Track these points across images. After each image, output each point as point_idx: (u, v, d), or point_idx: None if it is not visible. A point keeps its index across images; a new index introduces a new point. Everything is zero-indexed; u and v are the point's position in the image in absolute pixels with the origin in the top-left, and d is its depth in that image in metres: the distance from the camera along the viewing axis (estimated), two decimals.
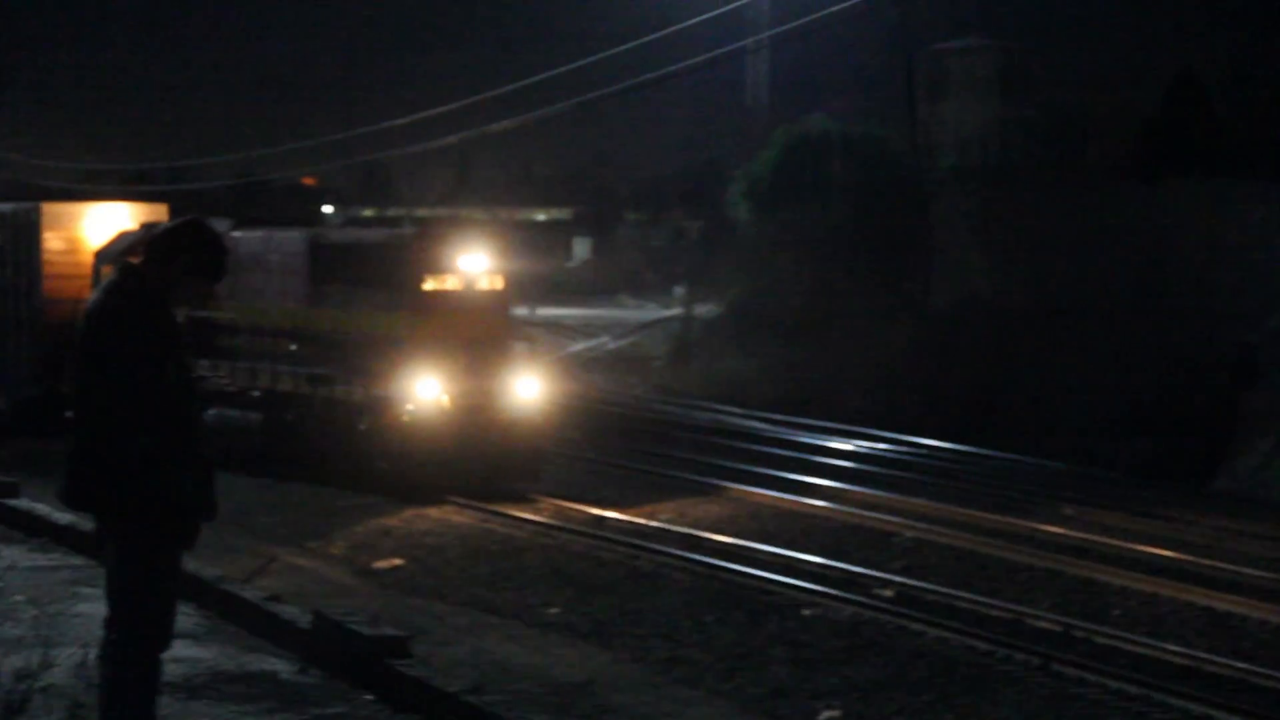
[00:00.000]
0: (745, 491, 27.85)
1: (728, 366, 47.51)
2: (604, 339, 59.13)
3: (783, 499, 27.14)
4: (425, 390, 25.93)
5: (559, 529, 24.20)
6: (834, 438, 36.05)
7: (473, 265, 26.69)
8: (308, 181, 64.67)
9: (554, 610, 19.75)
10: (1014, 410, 38.33)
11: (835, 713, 15.92)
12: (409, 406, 25.93)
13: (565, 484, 27.75)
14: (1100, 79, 48.19)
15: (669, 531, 24.25)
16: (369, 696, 11.94)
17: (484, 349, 26.44)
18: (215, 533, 21.30)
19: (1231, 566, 22.50)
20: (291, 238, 28.85)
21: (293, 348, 28.04)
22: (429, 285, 26.53)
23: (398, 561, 22.19)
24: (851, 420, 38.45)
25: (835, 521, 25.49)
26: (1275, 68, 41.44)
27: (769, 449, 33.78)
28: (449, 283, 26.60)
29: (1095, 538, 24.45)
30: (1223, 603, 20.32)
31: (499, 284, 27.00)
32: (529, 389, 26.61)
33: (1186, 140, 41.39)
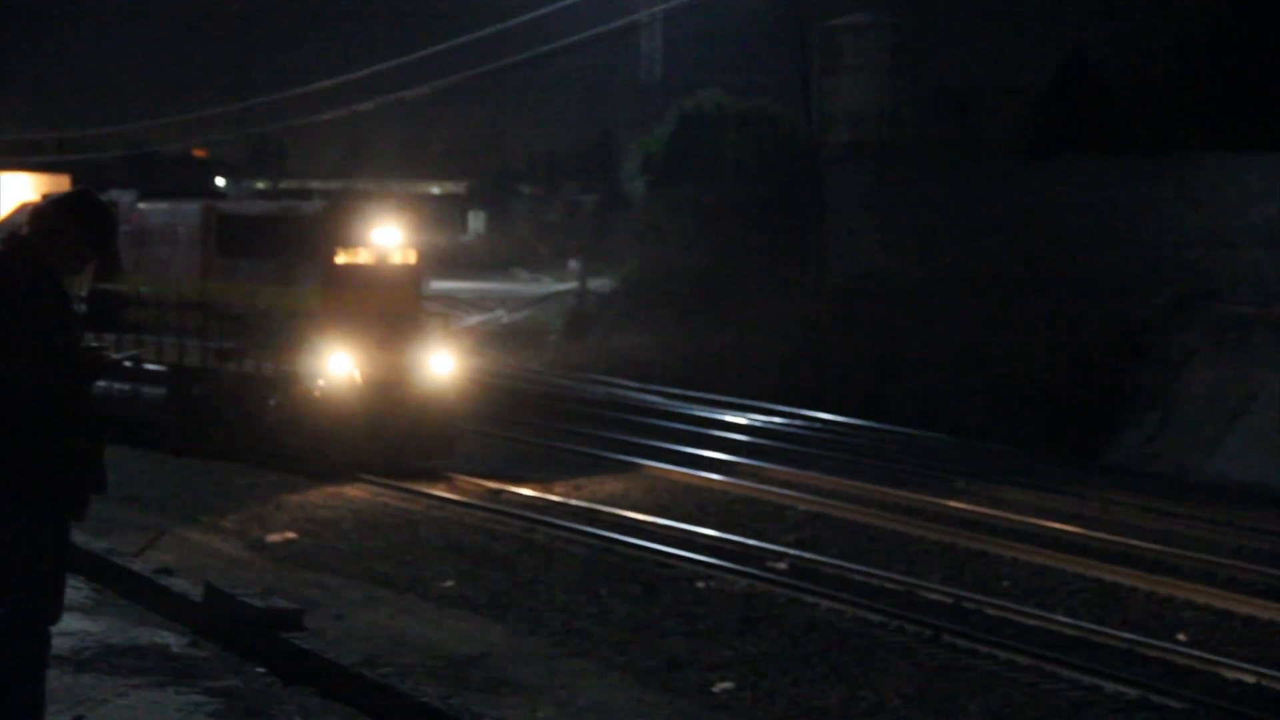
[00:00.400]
0: (641, 465, 27.89)
1: (623, 341, 47.55)
2: (499, 313, 59.02)
3: (678, 472, 27.20)
4: (337, 366, 25.58)
5: (454, 503, 24.15)
6: (730, 412, 36.17)
7: (385, 239, 26.32)
8: (198, 153, 64.05)
9: (449, 583, 19.71)
10: (908, 384, 38.59)
11: (729, 684, 15.99)
12: (320, 382, 25.58)
13: (460, 459, 27.68)
14: (993, 56, 48.55)
15: (564, 505, 24.25)
16: (261, 669, 11.88)
17: (396, 324, 26.09)
18: (107, 506, 21.13)
19: (1119, 539, 22.77)
20: (198, 209, 28.36)
21: (200, 321, 27.64)
22: (340, 259, 26.14)
23: (290, 535, 22.07)
24: (747, 394, 38.58)
25: (730, 495, 25.58)
26: (1163, 44, 41.87)
27: (665, 423, 33.84)
28: (361, 256, 26.21)
29: (986, 510, 24.68)
30: (1111, 574, 20.57)
31: (411, 258, 26.63)
32: (443, 365, 26.31)
33: (1076, 117, 41.77)
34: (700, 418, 35.05)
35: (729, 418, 35.22)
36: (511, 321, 56.88)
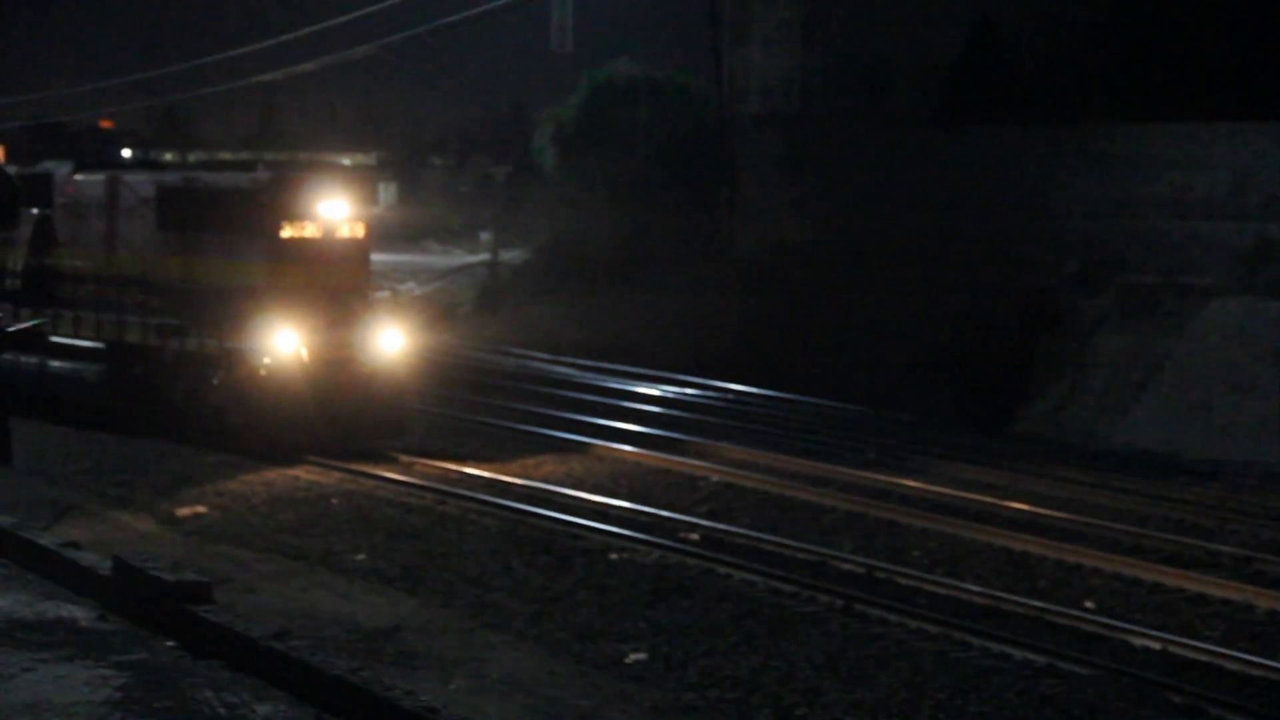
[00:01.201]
0: (553, 437, 27.88)
1: (535, 312, 47.48)
2: (410, 285, 58.81)
3: (591, 444, 27.21)
4: (283, 343, 24.94)
5: (366, 475, 24.06)
6: (642, 383, 36.21)
7: (332, 212, 25.58)
8: (105, 124, 63.44)
9: (360, 556, 19.66)
10: (820, 355, 38.73)
11: (641, 655, 16.03)
12: (265, 360, 24.95)
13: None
14: (902, 27, 48.66)
15: (477, 477, 24.22)
16: (170, 643, 11.81)
17: (344, 300, 25.46)
18: (16, 481, 20.93)
19: (1028, 507, 22.95)
20: (138, 181, 27.70)
21: (140, 297, 26.99)
22: (286, 233, 25.44)
23: (200, 509, 21.93)
24: (659, 366, 38.62)
25: (643, 466, 25.62)
26: (1071, 16, 42.11)
27: (577, 394, 33.84)
28: (307, 230, 25.50)
29: (897, 480, 24.83)
30: (1020, 543, 20.74)
31: (359, 232, 25.93)
32: (391, 342, 25.72)
33: (985, 89, 41.97)
34: (613, 389, 35.07)
35: (642, 389, 35.26)
36: (423, 293, 56.69)
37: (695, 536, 20.86)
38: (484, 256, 58.85)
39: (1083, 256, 37.09)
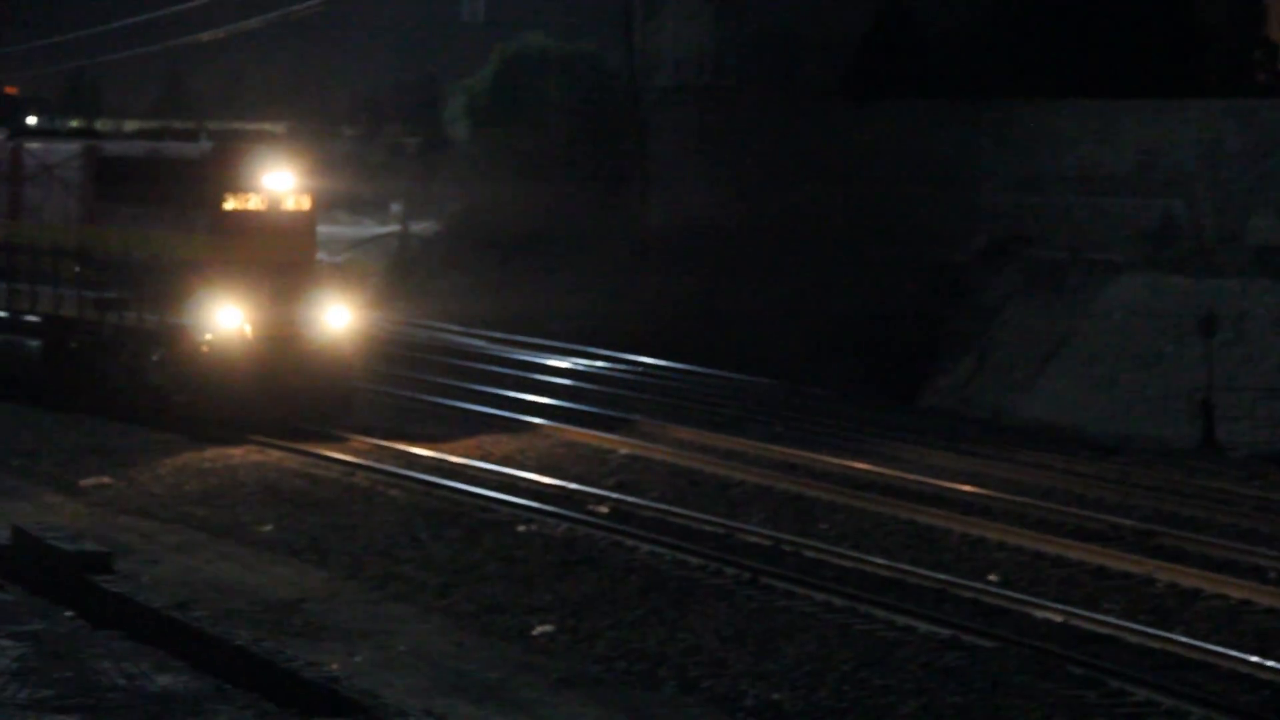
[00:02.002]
0: (463, 409, 27.84)
1: (446, 284, 47.35)
2: (320, 256, 58.43)
3: (500, 416, 27.19)
4: (225, 318, 24.16)
5: (274, 446, 23.92)
6: (553, 355, 36.18)
7: (277, 183, 24.81)
8: (10, 90, 62.65)
9: (267, 528, 19.59)
10: (729, 329, 38.81)
11: (549, 627, 16.06)
12: (208, 336, 24.16)
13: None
14: (813, 1, 48.76)
15: (385, 448, 24.14)
16: (69, 613, 11.74)
17: (289, 274, 24.76)
18: None
19: (934, 481, 23.10)
20: (73, 149, 26.98)
21: (78, 270, 26.16)
22: (229, 205, 24.64)
23: (105, 480, 21.77)
24: (570, 338, 38.61)
25: (553, 439, 25.61)
26: None
27: (488, 367, 33.78)
28: (251, 202, 24.72)
29: (805, 454, 24.93)
30: (925, 516, 20.89)
31: (305, 205, 25.16)
32: (338, 318, 24.97)
33: (895, 63, 42.12)
34: (523, 362, 35.03)
35: (552, 362, 35.24)
36: (332, 264, 56.34)
37: (604, 509, 20.89)
38: (394, 227, 58.59)
39: (990, 232, 37.34)
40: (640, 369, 35.33)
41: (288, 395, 24.59)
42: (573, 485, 22.02)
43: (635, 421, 27.28)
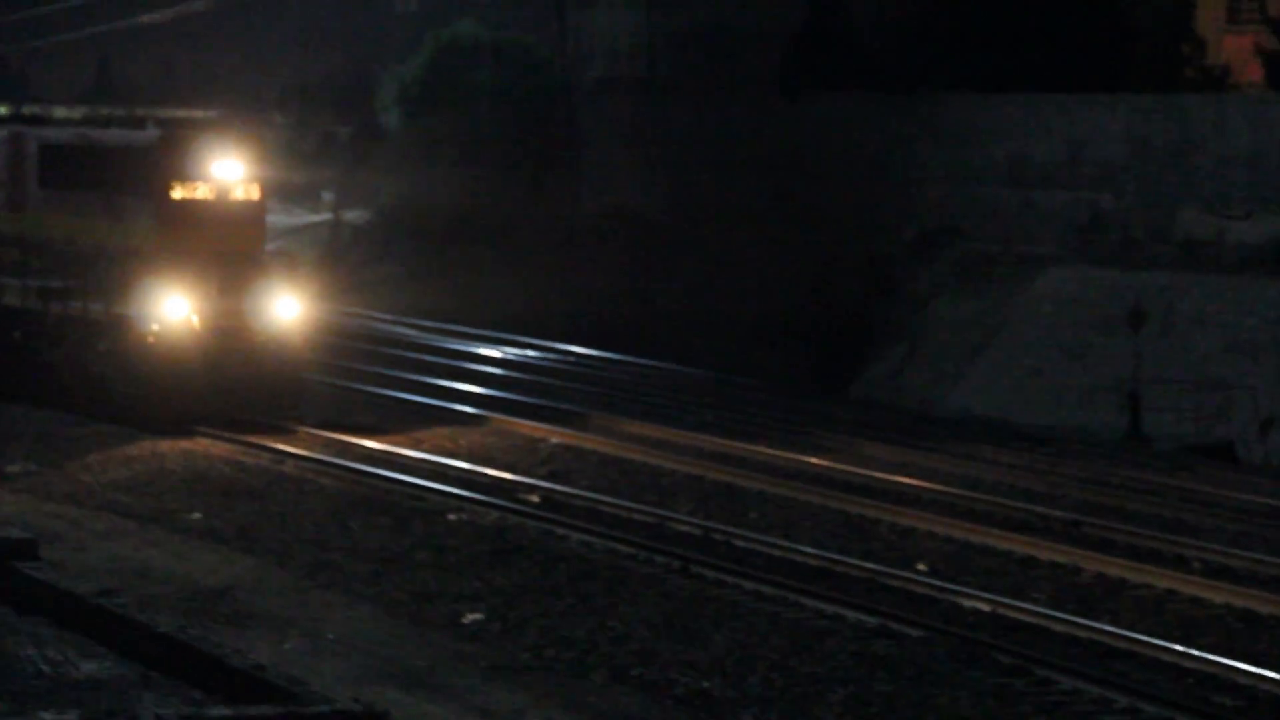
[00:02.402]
0: (393, 398, 27.77)
1: (378, 273, 47.21)
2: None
3: (432, 405, 27.14)
4: (173, 310, 23.71)
5: (202, 434, 23.79)
6: (485, 345, 36.14)
7: (226, 172, 24.31)
8: None
9: (196, 516, 19.50)
10: (661, 319, 38.87)
11: (479, 615, 16.06)
12: (154, 327, 23.71)
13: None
14: None
15: (315, 436, 24.06)
16: None
17: (239, 265, 24.26)
18: None
19: (863, 471, 23.21)
20: (16, 135, 26.47)
21: (20, 258, 25.70)
22: (178, 193, 24.14)
23: (32, 467, 21.62)
24: (502, 328, 38.57)
25: (484, 427, 25.59)
26: None
27: (419, 355, 33.71)
28: (200, 191, 24.21)
29: (736, 443, 24.99)
30: (855, 506, 20.98)
31: (254, 194, 24.63)
32: (288, 309, 24.48)
33: (828, 56, 42.25)
34: (455, 351, 34.97)
35: (484, 351, 35.19)
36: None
37: (534, 498, 20.90)
38: (326, 216, 58.34)
39: (921, 224, 37.53)
40: (573, 358, 35.34)
41: (236, 387, 24.22)
42: (503, 474, 22.01)
43: (567, 411, 27.28)
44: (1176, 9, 40.49)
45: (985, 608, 16.65)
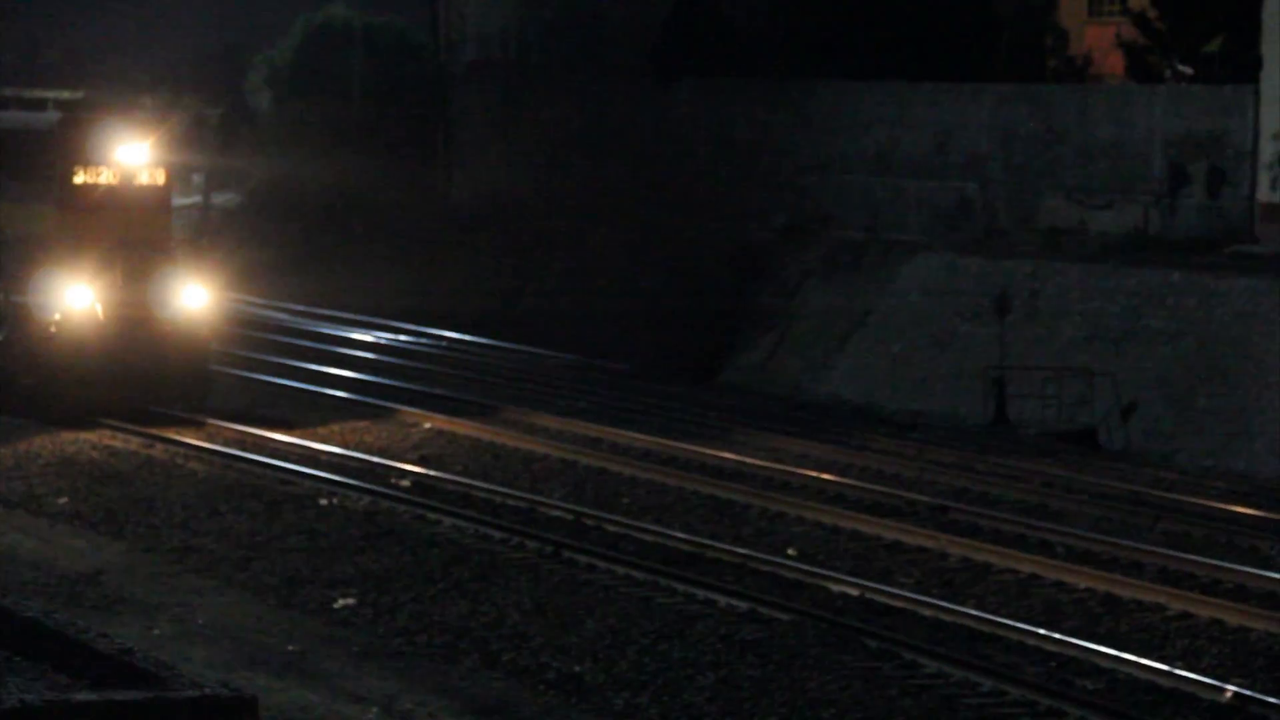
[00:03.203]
0: (265, 381, 27.63)
1: (248, 256, 46.87)
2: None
3: (303, 389, 27.03)
4: (75, 298, 23.02)
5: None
6: (356, 329, 36.02)
7: (130, 157, 23.56)
8: None
9: (63, 500, 19.34)
10: (533, 304, 38.90)
11: (350, 600, 16.06)
12: (56, 316, 23.00)
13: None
14: None
15: (183, 420, 23.89)
16: None
17: (144, 252, 23.56)
18: None
19: (735, 456, 23.38)
20: None
21: None
22: (79, 179, 23.43)
23: None
24: (373, 312, 38.44)
25: (355, 411, 25.52)
26: None
27: (290, 339, 33.55)
28: (103, 176, 23.49)
29: (608, 429, 25.09)
30: (726, 491, 21.14)
31: (160, 179, 23.95)
32: (195, 298, 23.83)
33: (699, 42, 42.43)
34: (327, 335, 34.83)
35: (356, 335, 35.08)
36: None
37: (406, 483, 20.89)
38: (195, 199, 57.82)
39: (791, 211, 37.78)
40: (444, 343, 35.31)
41: (141, 378, 23.59)
42: (375, 458, 21.99)
43: (439, 395, 27.28)
44: (1039, 1, 41.02)
45: (854, 592, 16.85)
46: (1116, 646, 15.26)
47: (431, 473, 21.38)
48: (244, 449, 22.20)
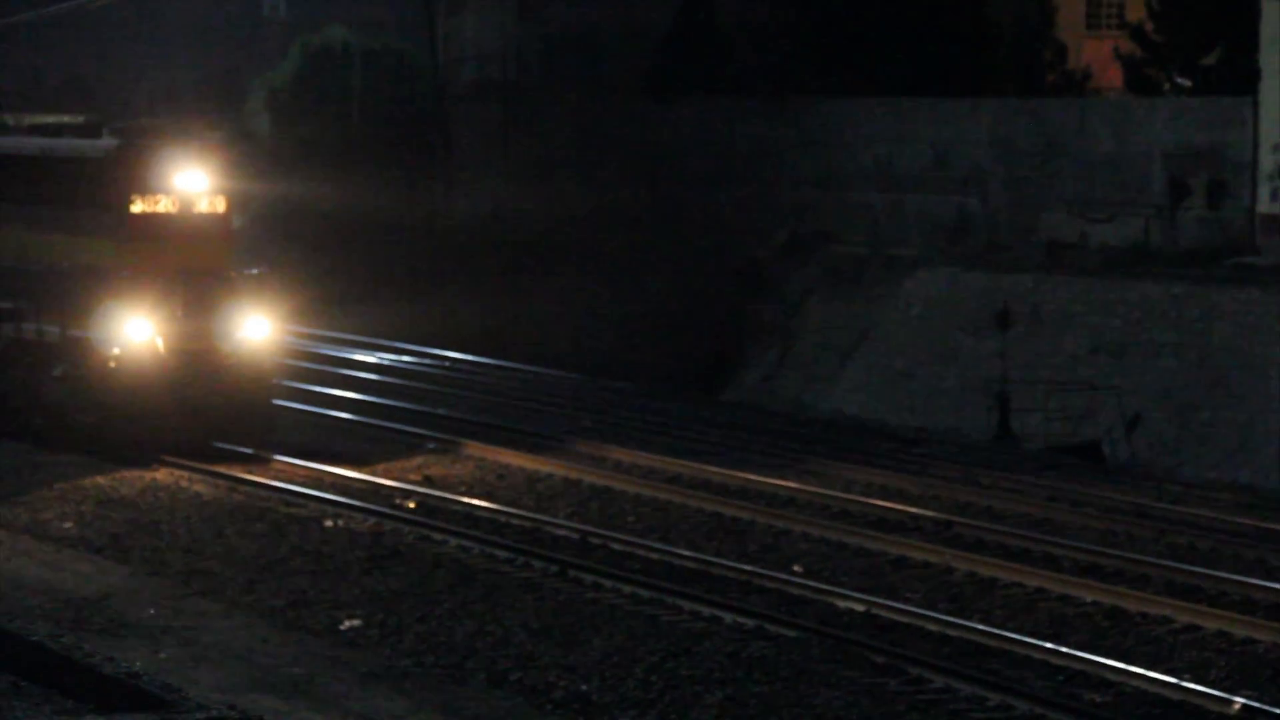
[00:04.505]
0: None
1: None
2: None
3: (306, 410, 27.00)
4: (135, 331, 22.17)
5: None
6: (358, 350, 36.00)
7: (190, 184, 22.74)
8: None
9: (69, 525, 19.33)
10: (534, 323, 38.92)
11: (356, 622, 16.05)
12: (115, 351, 22.15)
13: None
14: None
15: (190, 443, 23.81)
16: None
17: (205, 282, 22.70)
18: None
19: (739, 473, 23.33)
20: None
21: None
22: (138, 207, 22.57)
23: None
24: (375, 333, 38.44)
25: (358, 433, 25.51)
26: None
27: (295, 362, 33.48)
28: (162, 204, 22.67)
29: (612, 447, 25.05)
30: (731, 508, 21.11)
31: (220, 206, 23.08)
32: (258, 329, 22.97)
33: (697, 61, 42.51)
34: (327, 355, 34.81)
35: (359, 356, 35.06)
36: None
37: (411, 504, 20.87)
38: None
39: (792, 227, 37.81)
40: (446, 364, 35.29)
41: (203, 414, 22.61)
42: (380, 479, 21.97)
43: (442, 416, 27.26)
44: (1037, 15, 41.08)
45: (860, 608, 16.83)
46: (1123, 659, 15.25)
47: (435, 493, 21.36)
48: (247, 471, 22.06)
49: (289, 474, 22.23)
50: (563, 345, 37.13)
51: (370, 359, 34.92)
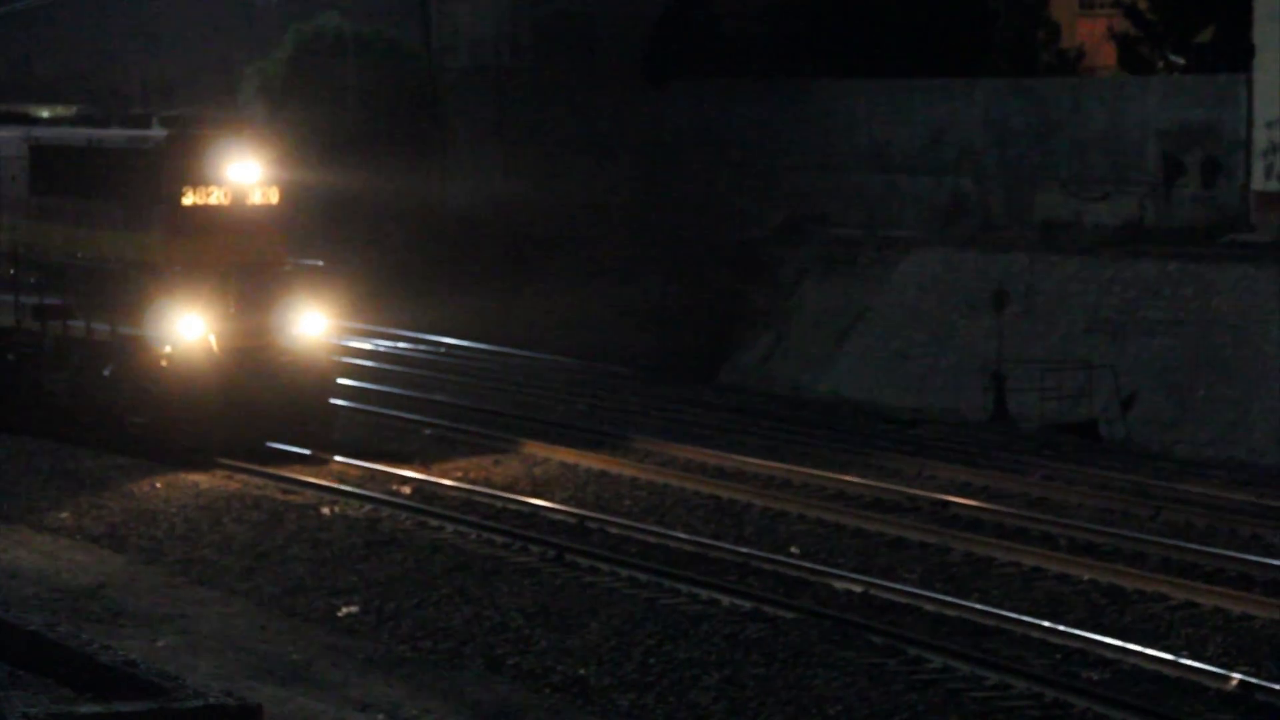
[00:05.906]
0: None
1: None
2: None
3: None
4: (187, 328, 21.47)
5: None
6: (354, 337, 35.98)
7: (242, 175, 22.06)
8: None
9: (64, 515, 19.34)
10: (531, 308, 38.89)
11: (354, 608, 16.07)
12: (167, 348, 21.49)
13: None
14: None
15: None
16: None
17: (259, 277, 22.04)
18: None
19: (736, 456, 23.36)
20: (6, 138, 24.30)
21: (11, 272, 23.54)
22: (189, 200, 21.90)
23: None
24: (371, 320, 38.42)
25: (355, 420, 25.51)
26: None
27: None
28: (214, 197, 21.98)
29: (608, 431, 25.09)
30: (728, 491, 21.13)
31: (273, 198, 22.37)
32: (314, 326, 22.29)
33: (691, 44, 42.44)
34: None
35: (355, 343, 35.04)
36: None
37: (407, 490, 20.88)
38: None
39: (787, 209, 37.78)
40: (442, 349, 35.30)
41: (260, 413, 21.91)
42: (376, 465, 21.96)
43: (438, 401, 27.27)
44: None
45: (857, 589, 16.85)
46: (1121, 637, 15.27)
47: (432, 479, 21.37)
48: (243, 459, 22.02)
49: (288, 461, 22.16)
50: (559, 330, 37.11)
51: (365, 346, 34.91)
